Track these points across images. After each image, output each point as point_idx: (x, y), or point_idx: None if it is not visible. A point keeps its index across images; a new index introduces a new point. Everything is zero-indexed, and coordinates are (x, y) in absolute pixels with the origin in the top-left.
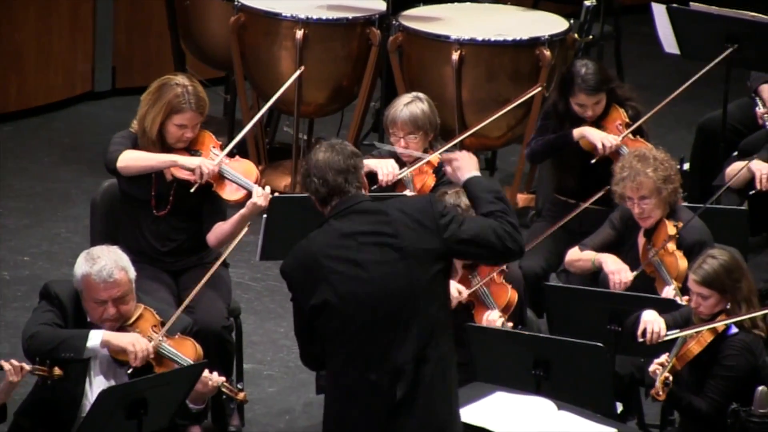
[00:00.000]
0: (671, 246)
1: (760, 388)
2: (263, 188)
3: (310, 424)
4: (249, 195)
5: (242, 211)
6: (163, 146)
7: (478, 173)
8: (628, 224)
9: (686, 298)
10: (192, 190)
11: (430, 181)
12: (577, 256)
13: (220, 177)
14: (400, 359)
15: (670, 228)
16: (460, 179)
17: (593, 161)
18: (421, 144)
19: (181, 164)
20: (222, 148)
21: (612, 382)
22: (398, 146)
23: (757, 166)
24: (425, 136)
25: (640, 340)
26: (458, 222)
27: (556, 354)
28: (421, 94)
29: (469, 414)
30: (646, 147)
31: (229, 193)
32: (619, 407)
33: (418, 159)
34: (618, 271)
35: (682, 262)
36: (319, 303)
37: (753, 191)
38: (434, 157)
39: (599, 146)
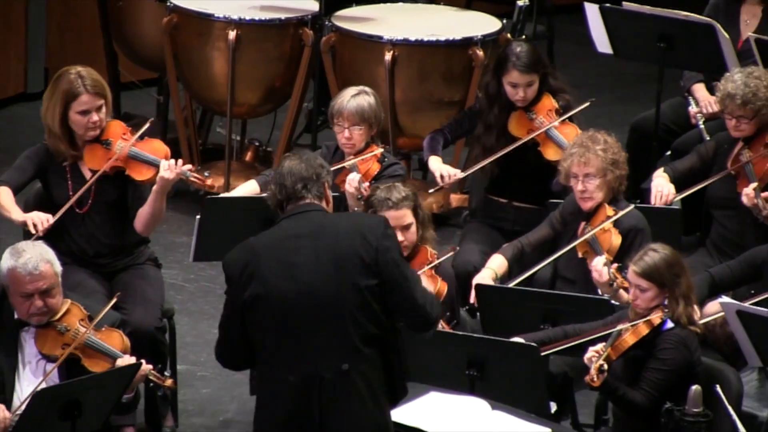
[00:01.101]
0: (608, 225)
1: (694, 387)
2: (170, 161)
3: (244, 425)
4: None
5: (154, 188)
6: (71, 142)
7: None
8: (567, 220)
9: (615, 265)
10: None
11: (375, 167)
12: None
13: (130, 160)
14: (320, 366)
15: (609, 211)
16: None
17: (431, 191)
18: (365, 136)
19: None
20: (132, 134)
21: (546, 382)
22: (341, 137)
23: (656, 182)
24: (369, 128)
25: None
26: (400, 254)
27: (489, 354)
28: (367, 88)
29: (402, 414)
30: (577, 131)
31: (141, 173)
32: (553, 407)
33: (367, 149)
34: None
35: (616, 239)
36: (251, 298)
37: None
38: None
39: (437, 176)
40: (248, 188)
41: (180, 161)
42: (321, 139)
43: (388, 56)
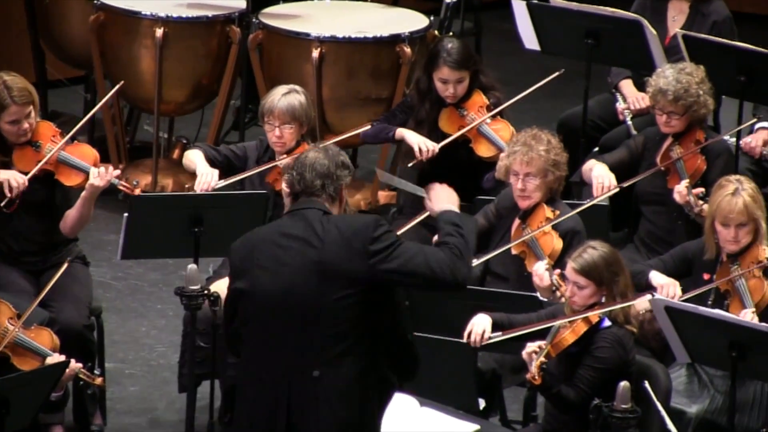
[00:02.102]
0: (547, 228)
1: (622, 383)
2: (100, 168)
3: (172, 423)
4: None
5: (83, 193)
6: (4, 146)
7: (452, 207)
8: (502, 214)
9: (557, 271)
10: (2, 205)
11: None
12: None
13: (60, 164)
14: (291, 370)
15: (548, 212)
16: (434, 210)
17: (410, 164)
18: (296, 135)
19: None
20: (62, 136)
21: (474, 378)
22: (272, 136)
23: (597, 173)
24: (300, 127)
25: (465, 341)
26: (391, 250)
27: (420, 351)
28: (298, 87)
29: None
30: (508, 127)
31: (70, 178)
32: (482, 403)
33: (298, 148)
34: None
35: (558, 242)
36: (239, 290)
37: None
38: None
39: (416, 149)
40: (197, 157)
41: (110, 168)
42: (248, 136)
43: (315, 53)
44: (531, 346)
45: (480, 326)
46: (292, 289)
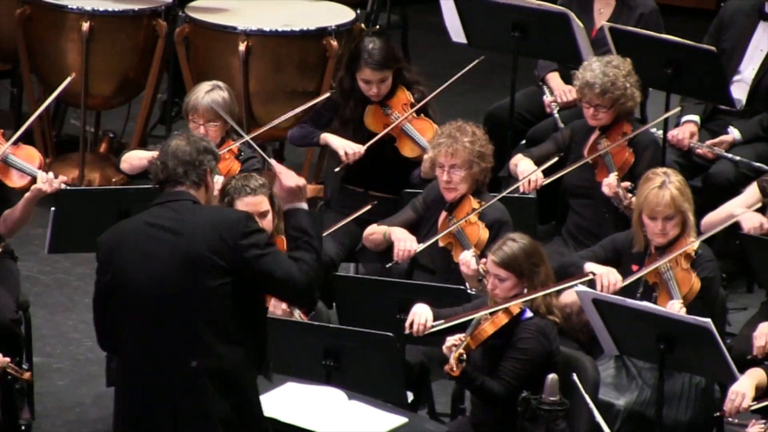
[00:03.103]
0: (473, 218)
1: (551, 375)
2: (48, 174)
3: (100, 417)
4: (34, 180)
5: (27, 195)
6: None
7: (301, 204)
8: (430, 206)
9: (484, 260)
10: None
11: (235, 165)
12: (371, 230)
13: (4, 165)
14: (168, 361)
15: (474, 203)
16: (283, 204)
17: (337, 169)
18: (220, 132)
19: None
20: (4, 136)
21: (402, 372)
22: (198, 132)
23: (522, 168)
24: (224, 124)
25: (407, 332)
26: (260, 250)
27: (346, 344)
28: (221, 83)
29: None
30: (432, 126)
31: (14, 180)
32: (410, 396)
33: (223, 144)
34: (403, 240)
35: (484, 232)
36: (110, 282)
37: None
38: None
39: (341, 154)
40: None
41: (60, 177)
42: (175, 130)
43: (242, 47)
44: (450, 339)
45: (422, 316)
46: (164, 281)
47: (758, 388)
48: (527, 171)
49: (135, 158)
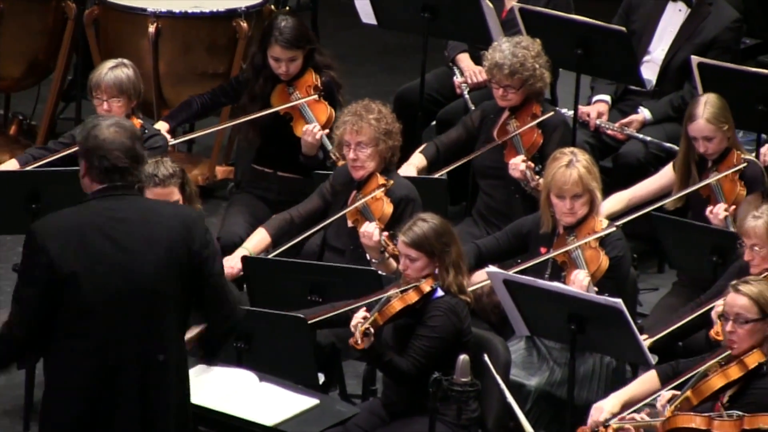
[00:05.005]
0: (380, 194)
1: (462, 356)
2: None
3: (11, 398)
4: None
5: None
6: None
7: None
8: (339, 191)
9: (386, 233)
10: None
11: None
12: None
13: None
14: (134, 355)
15: (381, 180)
16: None
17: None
18: (124, 109)
19: None
20: None
21: (313, 353)
22: (101, 110)
23: (414, 161)
24: (128, 101)
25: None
26: (214, 257)
27: (257, 326)
28: (126, 60)
29: None
30: (328, 111)
31: None
32: (321, 378)
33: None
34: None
35: (388, 207)
36: (70, 276)
37: None
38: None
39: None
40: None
41: None
42: (85, 112)
43: (151, 29)
44: (359, 315)
45: None
46: (142, 275)
47: (627, 404)
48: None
49: None
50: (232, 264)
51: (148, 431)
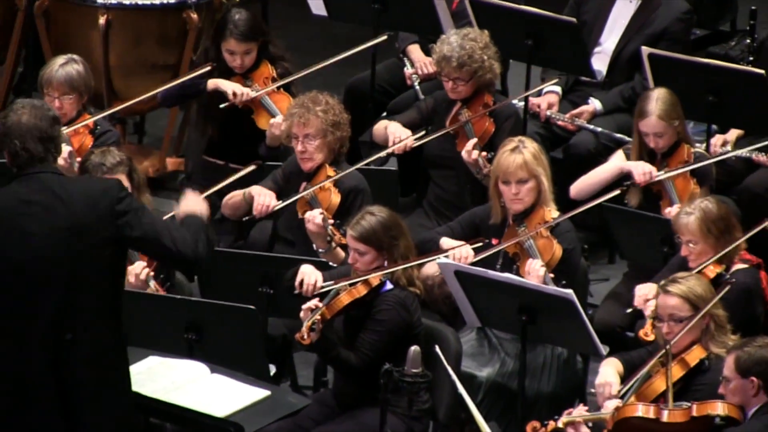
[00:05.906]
0: (328, 184)
1: (413, 348)
2: None
3: None
4: None
5: None
6: None
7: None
8: (290, 179)
9: (332, 222)
10: None
11: (88, 140)
12: (230, 195)
13: None
14: (44, 335)
15: (330, 171)
16: (179, 213)
17: (222, 105)
18: (76, 105)
19: None
20: None
21: (264, 344)
22: (52, 106)
23: (392, 129)
24: (80, 97)
25: (297, 291)
26: (138, 214)
27: (208, 317)
28: (76, 56)
29: None
30: (289, 100)
31: None
32: (273, 369)
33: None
34: (263, 195)
35: (336, 197)
36: None
37: None
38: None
39: (230, 93)
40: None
41: None
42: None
43: (102, 20)
44: (308, 304)
45: (312, 276)
46: (44, 257)
47: (618, 373)
48: (397, 132)
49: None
50: (268, 202)
51: (67, 405)
